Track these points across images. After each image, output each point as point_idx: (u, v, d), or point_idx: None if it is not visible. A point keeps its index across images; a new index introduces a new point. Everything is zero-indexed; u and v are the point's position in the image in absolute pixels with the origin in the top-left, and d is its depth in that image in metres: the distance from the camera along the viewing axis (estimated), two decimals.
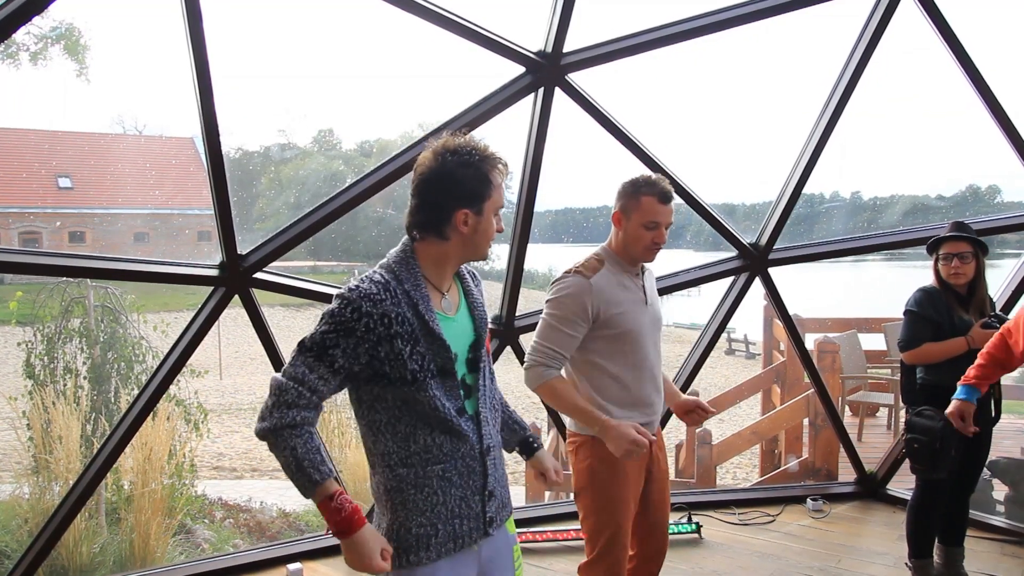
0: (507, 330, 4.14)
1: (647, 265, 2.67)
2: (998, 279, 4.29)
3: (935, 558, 3.48)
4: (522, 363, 2.66)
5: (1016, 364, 2.84)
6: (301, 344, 1.76)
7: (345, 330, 1.72)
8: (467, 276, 1.99)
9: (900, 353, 3.38)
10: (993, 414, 3.28)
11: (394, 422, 1.80)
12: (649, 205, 2.51)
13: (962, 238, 3.26)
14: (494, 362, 2.07)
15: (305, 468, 1.70)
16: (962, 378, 2.96)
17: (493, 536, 1.95)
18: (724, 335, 17.09)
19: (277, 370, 3.76)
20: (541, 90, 3.77)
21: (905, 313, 3.38)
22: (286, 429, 1.70)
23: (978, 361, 2.93)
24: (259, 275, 3.56)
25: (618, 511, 2.54)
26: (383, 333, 1.73)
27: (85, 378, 7.07)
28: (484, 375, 1.93)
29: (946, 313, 3.25)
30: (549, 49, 3.70)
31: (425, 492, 1.82)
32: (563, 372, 2.59)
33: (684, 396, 2.78)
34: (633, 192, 2.54)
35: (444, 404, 1.80)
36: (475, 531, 1.90)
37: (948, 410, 2.94)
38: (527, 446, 2.26)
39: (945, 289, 3.30)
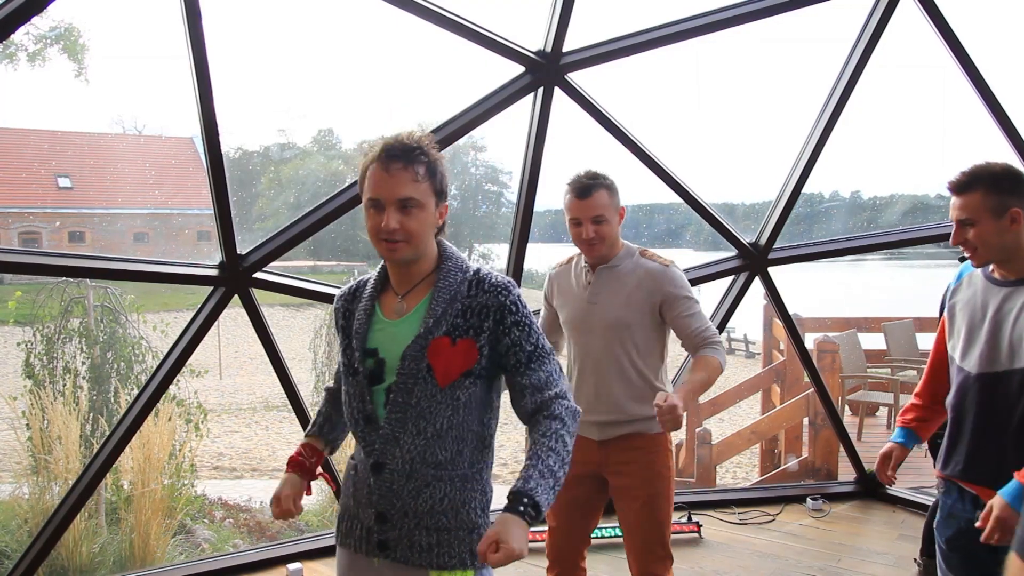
0: None
1: (649, 267, 2.57)
2: None
3: None
4: None
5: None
6: None
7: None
8: (452, 286, 1.76)
9: None
10: None
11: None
12: (569, 202, 2.56)
13: None
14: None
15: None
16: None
17: (400, 565, 1.78)
18: (724, 335, 17.07)
19: (277, 370, 3.78)
20: (541, 90, 3.77)
21: None
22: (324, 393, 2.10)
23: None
24: (259, 275, 3.56)
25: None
26: (338, 325, 1.89)
27: (84, 378, 7.07)
28: (420, 389, 1.73)
29: None
30: (549, 49, 3.70)
31: (345, 478, 1.93)
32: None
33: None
34: (565, 192, 2.59)
35: (351, 404, 1.82)
36: (365, 543, 1.82)
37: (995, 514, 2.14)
38: (510, 499, 1.64)
39: None
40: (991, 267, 2.15)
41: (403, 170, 1.71)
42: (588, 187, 2.52)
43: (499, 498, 1.77)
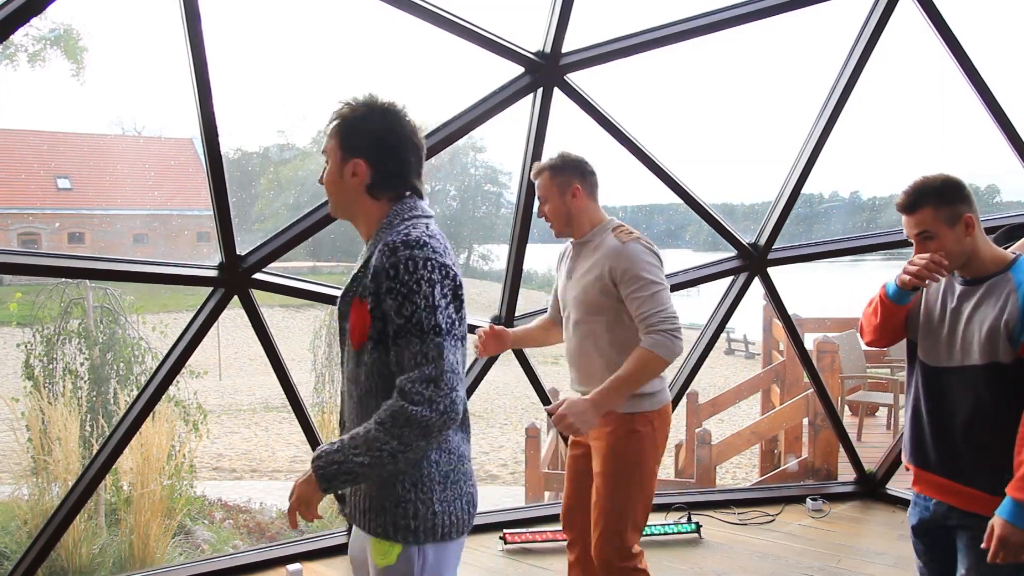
0: None
1: (609, 242, 2.58)
2: None
3: None
4: (523, 364, 2.68)
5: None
6: None
7: None
8: (375, 246, 1.75)
9: None
10: None
11: None
12: None
13: None
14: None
15: None
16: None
17: (358, 528, 1.82)
18: (723, 335, 17.10)
19: (277, 371, 3.78)
20: (540, 90, 3.77)
21: None
22: None
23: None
24: (258, 276, 3.55)
25: None
26: None
27: (84, 379, 7.07)
28: (346, 350, 1.80)
29: None
30: (548, 49, 3.70)
31: None
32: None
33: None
34: None
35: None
36: (342, 501, 1.87)
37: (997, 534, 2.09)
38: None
39: None
40: None
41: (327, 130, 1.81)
42: (536, 171, 2.69)
43: (500, 498, 1.77)
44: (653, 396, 2.58)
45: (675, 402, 4.51)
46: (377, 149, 1.78)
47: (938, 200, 2.13)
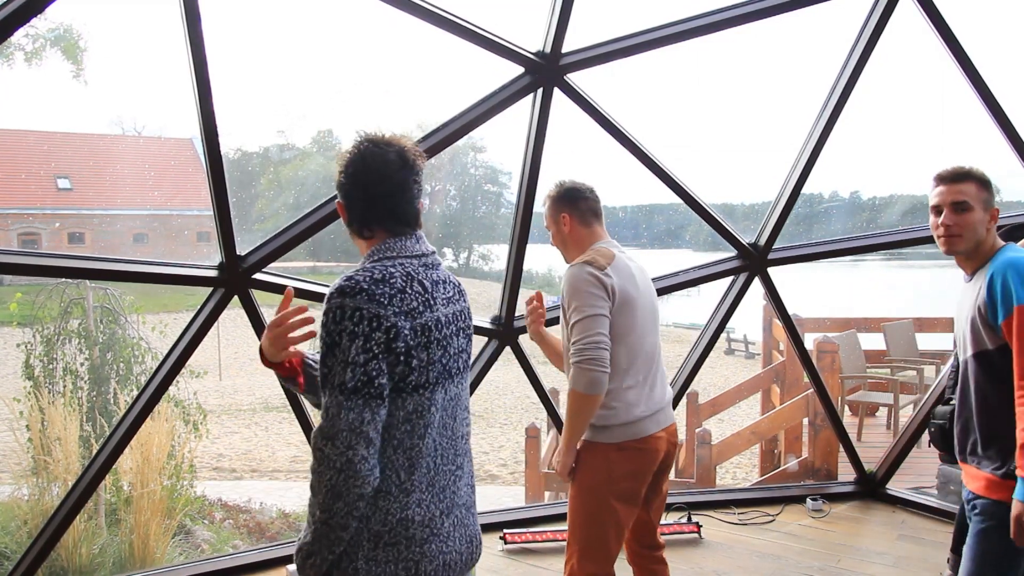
0: (506, 331, 4.13)
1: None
2: None
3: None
4: (523, 364, 2.68)
5: None
6: None
7: None
8: None
9: None
10: None
11: None
12: None
13: None
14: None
15: None
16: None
17: None
18: (723, 335, 17.11)
19: None
20: (540, 90, 3.77)
21: None
22: None
23: None
24: (258, 276, 3.55)
25: None
26: None
27: (84, 379, 7.07)
28: None
29: None
30: (548, 49, 3.70)
31: None
32: None
33: None
34: None
35: None
36: None
37: (1012, 515, 2.12)
38: None
39: None
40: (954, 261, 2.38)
41: None
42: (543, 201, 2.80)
43: (500, 498, 1.76)
44: (606, 429, 2.52)
45: (675, 402, 4.52)
46: (348, 188, 1.77)
47: (981, 182, 2.30)
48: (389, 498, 1.65)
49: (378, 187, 1.74)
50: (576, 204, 2.67)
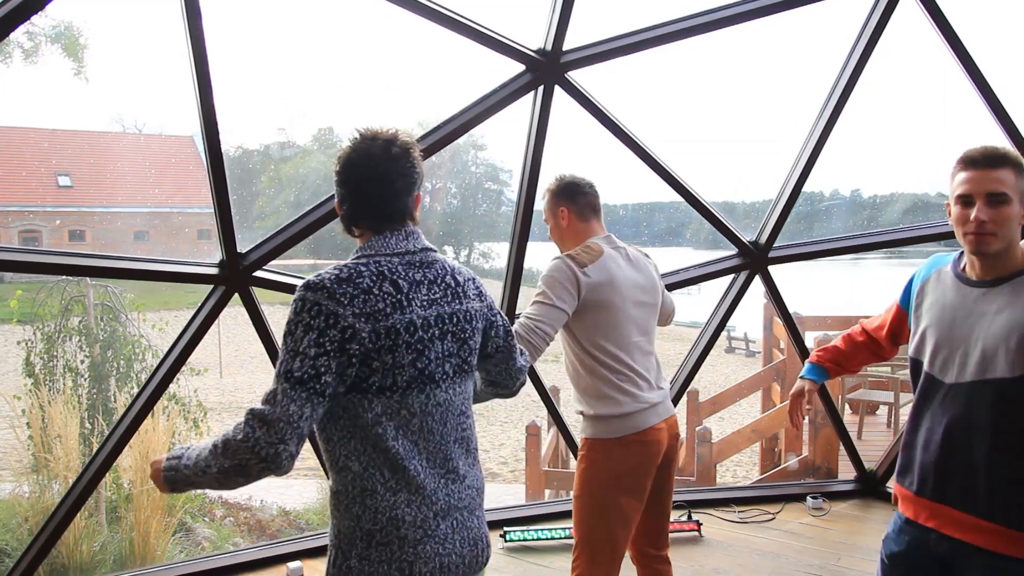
0: None
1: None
2: None
3: None
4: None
5: (886, 351, 2.28)
6: None
7: None
8: None
9: None
10: None
11: None
12: None
13: None
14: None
15: None
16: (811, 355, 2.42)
17: None
18: (724, 333, 17.11)
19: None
20: (541, 88, 3.77)
21: None
22: None
23: (835, 343, 2.38)
24: (259, 273, 3.55)
25: None
26: None
27: (85, 377, 7.08)
28: None
29: None
30: (549, 47, 3.69)
31: None
32: None
33: None
34: None
35: None
36: None
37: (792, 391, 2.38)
38: None
39: None
40: (963, 264, 1.96)
41: None
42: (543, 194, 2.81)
43: (500, 496, 1.76)
44: (606, 421, 2.53)
45: (675, 400, 4.52)
46: (336, 185, 1.77)
47: (1018, 169, 1.85)
48: (376, 496, 1.65)
49: (361, 182, 1.73)
50: (575, 199, 2.67)
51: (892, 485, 2.16)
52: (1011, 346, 1.80)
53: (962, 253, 1.96)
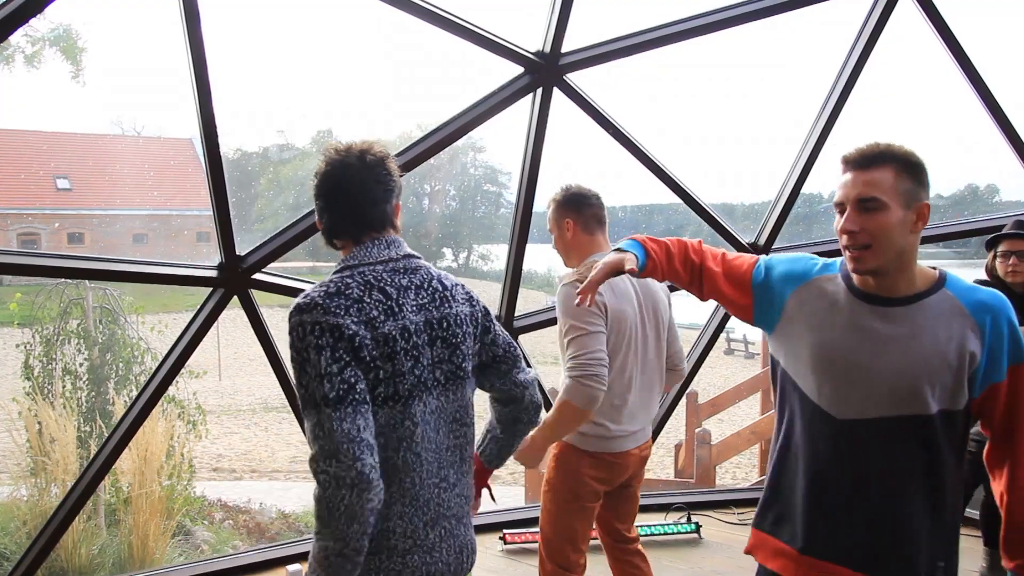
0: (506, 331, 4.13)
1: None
2: None
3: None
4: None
5: (698, 292, 1.90)
6: None
7: None
8: None
9: None
10: None
11: None
12: None
13: (1022, 236, 3.20)
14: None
15: None
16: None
17: None
18: (723, 335, 17.12)
19: (276, 371, 3.77)
20: (539, 90, 3.77)
21: None
22: None
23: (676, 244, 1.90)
24: (258, 276, 3.55)
25: None
26: None
27: (83, 380, 7.07)
28: None
29: None
30: (547, 49, 3.70)
31: None
32: None
33: None
34: None
35: None
36: None
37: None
38: None
39: (999, 286, 2.75)
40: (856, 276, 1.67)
41: None
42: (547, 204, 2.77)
43: (499, 498, 1.75)
44: (584, 438, 2.54)
45: (675, 402, 4.52)
46: (317, 199, 1.79)
47: (902, 166, 1.59)
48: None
49: (339, 193, 1.74)
50: (580, 210, 2.64)
51: (748, 531, 1.93)
52: (932, 380, 1.58)
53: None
